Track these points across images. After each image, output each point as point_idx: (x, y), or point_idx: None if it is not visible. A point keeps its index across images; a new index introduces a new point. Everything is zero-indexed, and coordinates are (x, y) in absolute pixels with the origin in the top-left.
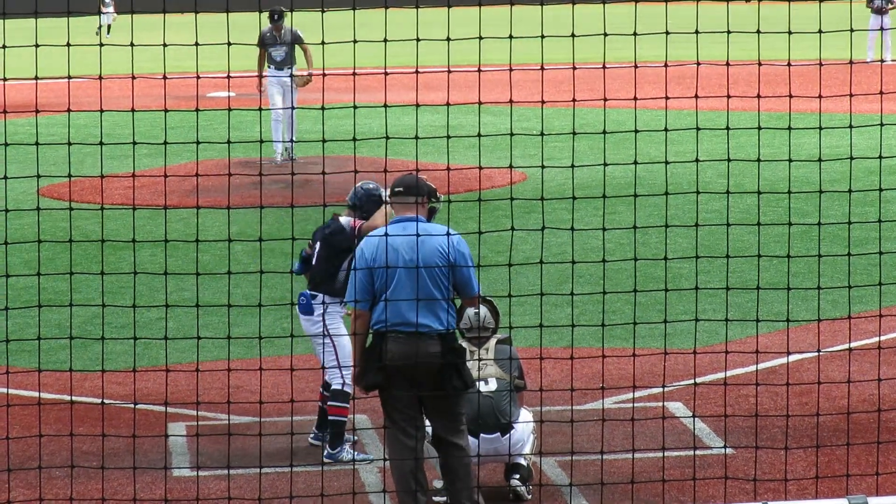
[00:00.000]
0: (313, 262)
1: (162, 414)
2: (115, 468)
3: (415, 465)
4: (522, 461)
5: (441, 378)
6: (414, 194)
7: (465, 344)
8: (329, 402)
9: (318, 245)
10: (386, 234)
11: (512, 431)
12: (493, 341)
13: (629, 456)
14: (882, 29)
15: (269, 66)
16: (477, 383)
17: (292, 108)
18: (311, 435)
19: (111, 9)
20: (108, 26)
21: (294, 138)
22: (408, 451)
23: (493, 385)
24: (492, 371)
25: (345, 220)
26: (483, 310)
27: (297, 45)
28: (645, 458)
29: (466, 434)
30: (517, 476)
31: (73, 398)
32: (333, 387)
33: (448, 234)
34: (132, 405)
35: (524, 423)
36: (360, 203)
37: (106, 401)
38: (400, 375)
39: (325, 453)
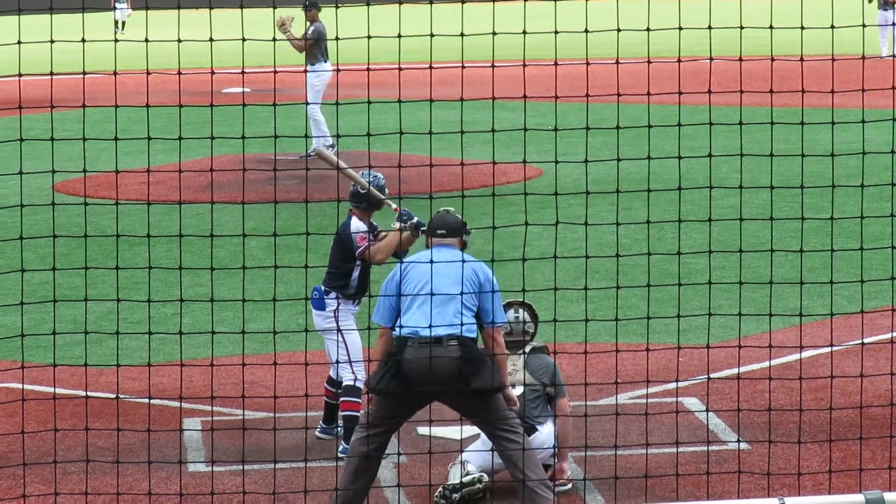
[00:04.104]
0: (329, 259)
1: (177, 409)
2: (130, 463)
3: (366, 474)
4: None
5: (460, 382)
6: (456, 236)
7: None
8: (342, 398)
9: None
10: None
11: (536, 434)
12: (527, 348)
13: (643, 451)
14: (893, 24)
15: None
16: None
17: (306, 103)
18: (318, 429)
19: (125, 4)
20: (123, 22)
21: (315, 134)
22: (365, 460)
23: (518, 390)
24: (519, 378)
25: (354, 224)
26: (522, 313)
27: (318, 41)
28: (659, 454)
29: (520, 430)
30: None
31: (88, 393)
32: (345, 382)
33: (482, 264)
34: (147, 400)
35: (549, 432)
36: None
37: (121, 396)
38: (415, 382)
39: (339, 448)
